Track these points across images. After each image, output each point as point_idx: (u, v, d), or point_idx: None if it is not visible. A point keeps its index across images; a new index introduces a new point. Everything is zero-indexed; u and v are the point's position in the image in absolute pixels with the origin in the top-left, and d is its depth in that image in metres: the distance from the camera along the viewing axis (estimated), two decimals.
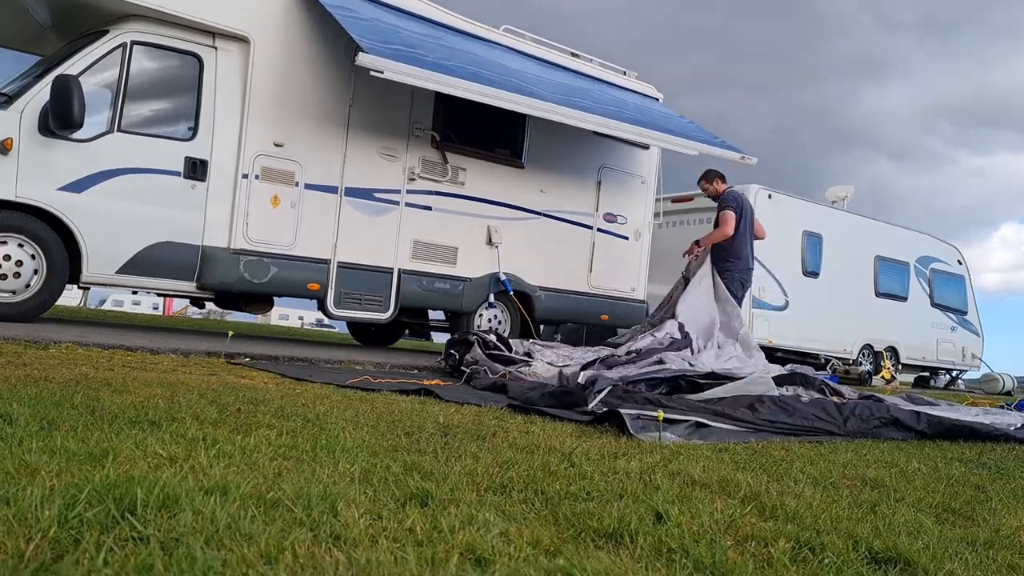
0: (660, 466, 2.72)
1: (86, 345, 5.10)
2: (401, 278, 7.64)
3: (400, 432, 2.91)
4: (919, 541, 1.99)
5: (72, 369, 3.81)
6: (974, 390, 14.92)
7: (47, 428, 2.26)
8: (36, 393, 2.82)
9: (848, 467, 3.18)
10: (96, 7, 6.37)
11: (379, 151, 7.50)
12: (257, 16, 6.79)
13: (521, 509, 1.94)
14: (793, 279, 12.28)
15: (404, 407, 3.70)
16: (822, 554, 1.80)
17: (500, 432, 3.18)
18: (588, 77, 9.04)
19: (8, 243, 5.85)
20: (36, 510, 1.46)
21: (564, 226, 8.87)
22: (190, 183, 6.50)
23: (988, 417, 5.66)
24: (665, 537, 1.77)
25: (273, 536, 1.47)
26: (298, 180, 7.00)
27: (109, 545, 1.35)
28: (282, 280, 6.98)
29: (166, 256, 6.41)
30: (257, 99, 6.79)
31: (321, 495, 1.78)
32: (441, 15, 8.01)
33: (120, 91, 6.25)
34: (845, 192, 14.19)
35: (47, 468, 1.77)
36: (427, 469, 2.25)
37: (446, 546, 1.54)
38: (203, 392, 3.41)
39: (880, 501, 2.52)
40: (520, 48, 8.63)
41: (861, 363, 13.28)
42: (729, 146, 8.89)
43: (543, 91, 7.65)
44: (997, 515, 2.48)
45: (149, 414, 2.66)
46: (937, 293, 14.74)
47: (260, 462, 2.12)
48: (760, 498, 2.31)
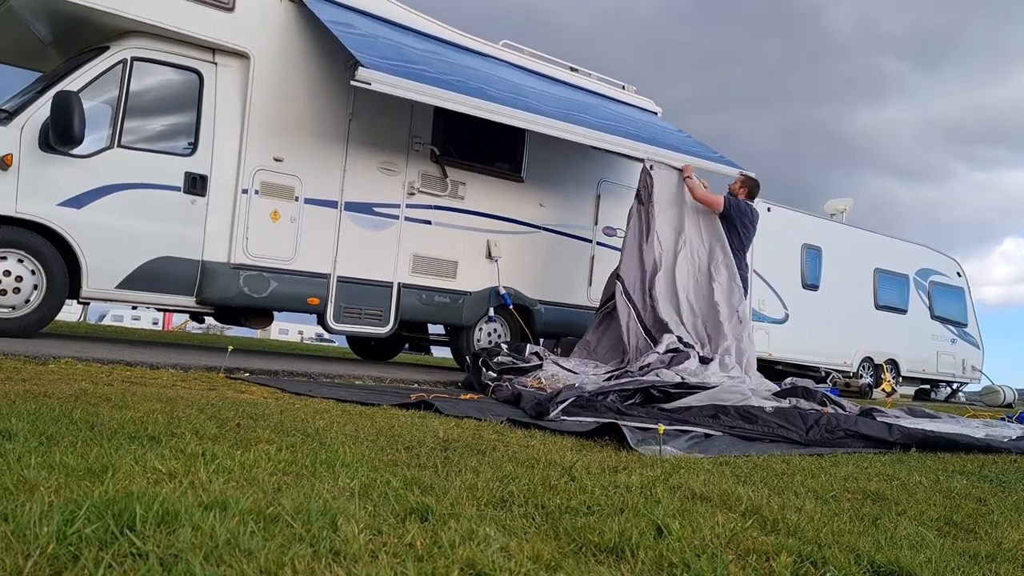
0: (661, 480, 2.71)
1: (85, 360, 5.09)
2: (401, 292, 7.64)
3: (400, 447, 2.90)
4: (921, 555, 1.98)
5: (71, 384, 3.80)
6: (975, 402, 14.90)
7: (46, 444, 2.25)
8: (35, 408, 2.81)
9: (849, 480, 3.17)
10: (96, 23, 6.40)
11: (379, 166, 7.51)
12: (257, 32, 6.82)
13: (522, 523, 1.93)
14: (793, 292, 12.29)
15: (404, 421, 3.69)
16: (824, 568, 1.79)
17: (500, 446, 3.17)
18: (587, 91, 9.08)
19: (8, 258, 5.86)
20: (35, 526, 1.46)
21: (564, 240, 8.88)
22: (190, 198, 6.51)
23: (987, 430, 5.66)
24: (666, 551, 1.76)
25: (273, 552, 1.46)
26: (298, 195, 7.01)
27: (108, 561, 1.34)
28: (282, 295, 6.98)
29: (166, 271, 6.41)
30: (257, 114, 6.81)
31: (321, 510, 1.77)
32: (440, 30, 8.06)
33: (120, 107, 6.27)
34: (844, 205, 14.22)
35: (46, 484, 1.77)
36: (427, 484, 2.24)
37: (446, 561, 1.53)
38: (202, 407, 3.41)
39: (882, 514, 2.51)
40: (519, 63, 8.67)
41: (861, 376, 13.27)
42: (727, 161, 8.92)
43: (542, 106, 7.69)
44: (999, 528, 2.47)
45: (148, 429, 2.66)
46: (937, 305, 14.75)
47: (259, 477, 2.11)
48: (761, 512, 2.30)
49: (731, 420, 4.55)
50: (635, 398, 5.23)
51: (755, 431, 4.41)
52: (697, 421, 4.44)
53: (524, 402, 4.96)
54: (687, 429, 4.22)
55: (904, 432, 4.65)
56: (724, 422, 4.50)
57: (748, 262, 7.89)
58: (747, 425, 4.48)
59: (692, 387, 5.39)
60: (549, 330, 8.92)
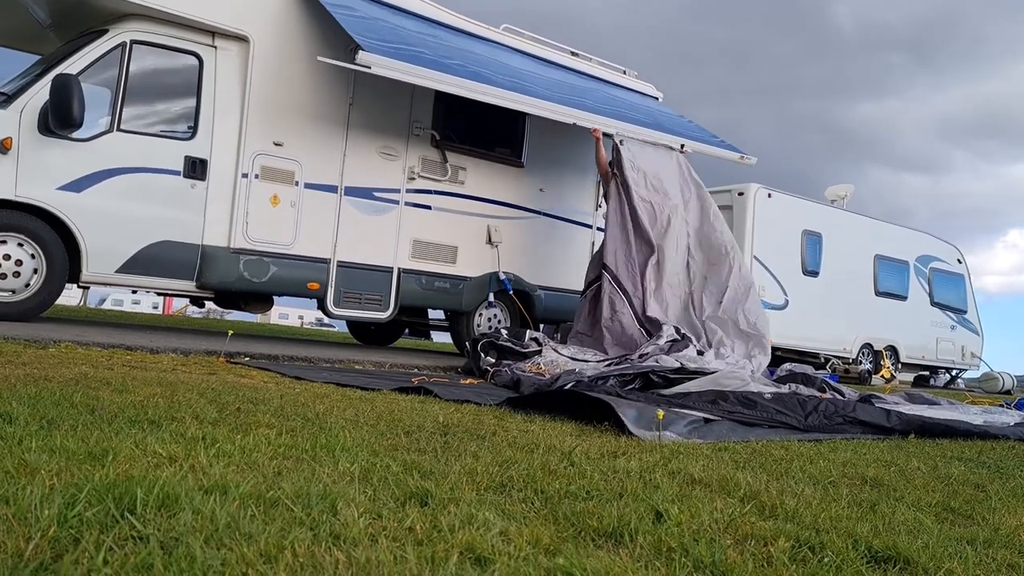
0: (660, 465, 2.72)
1: (86, 344, 5.09)
2: (401, 277, 7.64)
3: (400, 431, 2.91)
4: (919, 540, 1.99)
5: (72, 368, 3.81)
6: (974, 389, 14.94)
7: (47, 427, 2.26)
8: (36, 392, 2.82)
9: (847, 466, 3.18)
10: (96, 6, 6.37)
11: (379, 150, 7.50)
12: (257, 15, 6.78)
13: (521, 508, 1.94)
14: (793, 278, 12.28)
15: (404, 406, 3.70)
16: (821, 553, 1.80)
17: (500, 431, 3.18)
18: (588, 76, 9.04)
19: (8, 242, 5.85)
20: (36, 509, 1.46)
21: (564, 225, 8.87)
22: (190, 182, 6.50)
23: (985, 416, 5.67)
24: (665, 536, 1.77)
25: (273, 535, 1.47)
26: (298, 179, 7.00)
27: (109, 544, 1.35)
28: (282, 279, 6.98)
29: (166, 255, 6.41)
30: (257, 98, 6.78)
31: (321, 494, 1.78)
32: (441, 14, 8.01)
33: (120, 90, 6.25)
34: (845, 191, 14.19)
35: (47, 467, 1.77)
36: (427, 468, 2.25)
37: (446, 545, 1.54)
38: (203, 391, 3.41)
39: (879, 500, 2.52)
40: (520, 47, 8.63)
41: (861, 362, 13.29)
42: (728, 146, 8.89)
43: (543, 90, 7.65)
44: (997, 514, 2.48)
45: (149, 413, 2.66)
46: (937, 292, 14.75)
47: (260, 461, 2.12)
48: (759, 497, 2.31)
49: (730, 406, 4.56)
50: (635, 383, 5.25)
51: (754, 416, 4.42)
52: (696, 406, 4.45)
53: (523, 387, 4.98)
54: (686, 413, 4.23)
55: (902, 418, 4.66)
56: (723, 407, 4.51)
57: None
58: (746, 411, 4.49)
59: (692, 372, 5.40)
60: (549, 316, 8.93)
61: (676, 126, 8.77)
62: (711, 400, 4.65)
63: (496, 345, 6.67)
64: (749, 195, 11.73)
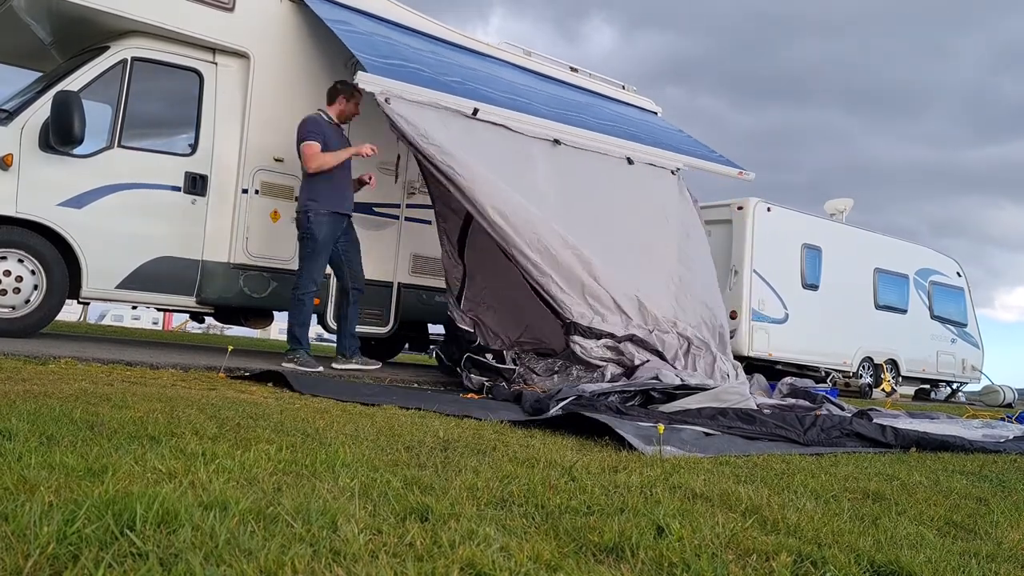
0: (661, 480, 2.71)
1: (85, 360, 5.09)
2: (401, 292, 7.64)
3: (400, 446, 2.90)
4: (921, 554, 1.98)
5: (71, 384, 3.80)
6: (975, 402, 14.90)
7: (46, 443, 2.25)
8: (35, 408, 2.81)
9: (849, 480, 3.17)
10: (97, 23, 6.40)
11: (378, 165, 7.51)
12: (257, 32, 6.82)
13: (522, 523, 1.93)
14: (793, 292, 12.28)
15: (404, 421, 3.69)
16: (824, 568, 1.79)
17: (500, 446, 3.17)
18: (586, 91, 9.06)
19: (8, 259, 5.86)
20: (35, 526, 1.46)
21: None
22: (190, 198, 6.52)
23: (985, 430, 5.66)
24: (666, 551, 1.76)
25: (273, 551, 1.46)
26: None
27: (108, 561, 1.34)
28: (282, 294, 6.97)
29: (166, 271, 6.41)
30: (257, 114, 6.81)
31: (321, 510, 1.77)
32: (439, 30, 8.04)
33: (120, 107, 6.28)
34: (844, 205, 14.22)
35: (46, 484, 1.77)
36: (427, 483, 2.24)
37: (446, 561, 1.53)
38: (202, 407, 3.41)
39: (882, 514, 2.51)
40: (518, 63, 8.66)
41: (861, 376, 13.27)
42: (727, 161, 8.90)
43: (541, 106, 7.66)
44: (999, 528, 2.47)
45: (148, 429, 2.66)
46: (937, 305, 14.75)
47: (260, 477, 2.11)
48: (761, 512, 2.30)
49: (730, 421, 4.57)
50: (635, 399, 5.25)
51: (754, 431, 4.42)
52: (697, 422, 4.45)
53: (524, 401, 4.97)
54: (687, 428, 4.23)
55: (898, 434, 4.66)
56: (723, 423, 4.52)
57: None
58: (746, 426, 4.50)
59: (693, 388, 5.39)
60: None
61: (675, 141, 8.78)
62: (711, 416, 4.66)
63: (476, 362, 6.57)
64: (748, 209, 11.75)
